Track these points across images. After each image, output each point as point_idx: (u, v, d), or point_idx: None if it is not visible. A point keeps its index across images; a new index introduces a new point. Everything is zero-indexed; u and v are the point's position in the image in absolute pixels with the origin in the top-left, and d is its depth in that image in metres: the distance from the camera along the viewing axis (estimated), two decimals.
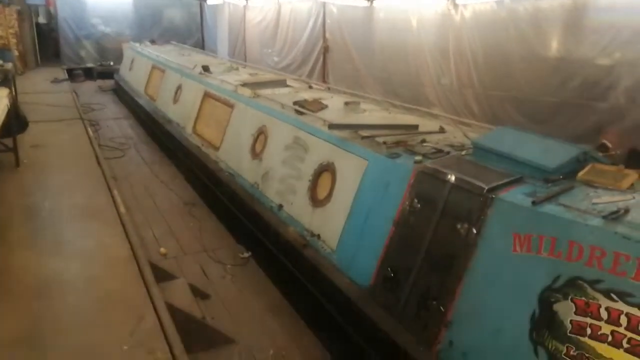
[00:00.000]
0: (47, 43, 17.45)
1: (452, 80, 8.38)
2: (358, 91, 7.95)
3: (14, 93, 6.97)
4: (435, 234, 3.33)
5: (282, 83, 7.15)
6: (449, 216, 3.27)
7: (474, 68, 7.92)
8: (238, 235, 5.99)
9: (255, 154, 5.94)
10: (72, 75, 15.65)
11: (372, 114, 5.37)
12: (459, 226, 3.18)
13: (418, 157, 3.77)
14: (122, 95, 13.75)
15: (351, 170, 4.29)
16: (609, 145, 3.63)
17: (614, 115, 6.37)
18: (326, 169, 4.61)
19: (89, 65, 17.09)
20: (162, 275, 4.41)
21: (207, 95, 7.96)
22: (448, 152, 3.88)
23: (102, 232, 4.55)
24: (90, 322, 3.36)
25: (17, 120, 6.84)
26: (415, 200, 3.55)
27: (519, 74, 7.34)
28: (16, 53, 14.03)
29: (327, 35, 11.20)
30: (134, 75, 13.06)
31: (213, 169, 6.83)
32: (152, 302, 3.53)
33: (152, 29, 17.65)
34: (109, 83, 15.56)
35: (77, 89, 13.46)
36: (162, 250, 5.54)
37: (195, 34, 18.66)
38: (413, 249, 3.46)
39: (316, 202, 4.64)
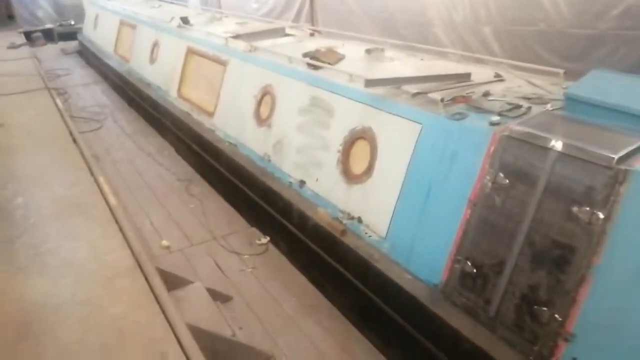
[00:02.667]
0: None
1: (465, 15, 7.43)
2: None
3: None
4: (537, 218, 2.56)
5: (280, 32, 6.12)
6: (558, 195, 2.49)
7: None
8: (249, 216, 5.16)
9: (262, 120, 5.03)
10: (30, 38, 14.06)
11: (402, 62, 4.45)
12: (575, 209, 2.41)
13: (495, 117, 2.95)
14: (89, 57, 12.42)
15: (399, 137, 3.45)
16: None
17: None
18: (361, 136, 3.76)
19: (48, 26, 15.45)
20: (173, 281, 3.61)
21: (191, 52, 6.90)
22: (529, 108, 3.06)
23: (93, 234, 3.66)
24: None
25: None
26: (501, 175, 2.75)
27: (547, 3, 6.45)
28: None
29: None
30: (99, 34, 11.72)
31: (209, 138, 5.90)
32: (173, 331, 2.74)
33: None
34: (72, 45, 14.13)
35: (37, 54, 12.05)
36: (164, 243, 4.68)
37: None
38: (504, 238, 2.69)
39: (351, 177, 3.82)
